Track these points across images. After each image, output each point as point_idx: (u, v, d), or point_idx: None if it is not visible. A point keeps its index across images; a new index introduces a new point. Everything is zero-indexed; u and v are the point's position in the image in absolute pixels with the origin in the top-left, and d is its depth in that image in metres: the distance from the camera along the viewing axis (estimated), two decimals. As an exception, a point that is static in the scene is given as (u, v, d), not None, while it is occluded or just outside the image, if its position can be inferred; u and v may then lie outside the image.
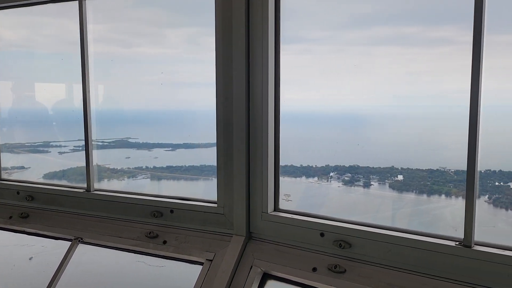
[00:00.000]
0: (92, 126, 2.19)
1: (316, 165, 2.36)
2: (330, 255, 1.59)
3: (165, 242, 1.82)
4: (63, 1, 2.20)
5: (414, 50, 1.97)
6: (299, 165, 2.39)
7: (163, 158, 2.84)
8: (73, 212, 2.21)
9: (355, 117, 2.30)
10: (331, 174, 2.31)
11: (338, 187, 2.31)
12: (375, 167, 2.26)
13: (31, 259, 2.39)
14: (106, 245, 2.01)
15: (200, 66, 2.40)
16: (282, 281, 1.67)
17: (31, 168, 2.96)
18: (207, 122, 2.06)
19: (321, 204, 2.41)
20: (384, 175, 2.21)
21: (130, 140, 2.91)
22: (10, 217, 2.32)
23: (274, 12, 1.68)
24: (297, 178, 2.41)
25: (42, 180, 2.67)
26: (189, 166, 2.72)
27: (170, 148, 2.84)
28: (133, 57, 2.61)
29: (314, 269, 1.59)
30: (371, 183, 2.23)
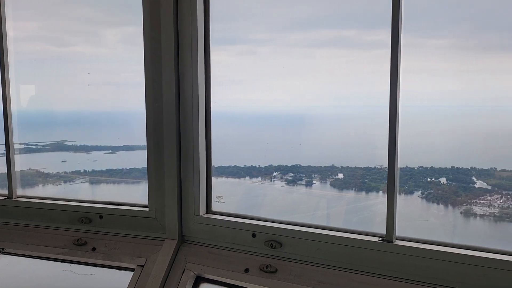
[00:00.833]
0: (15, 129, 2.04)
1: (260, 165, 2.36)
2: (262, 256, 1.59)
3: (94, 249, 1.74)
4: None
5: (353, 52, 2.02)
6: (243, 166, 2.39)
7: (103, 161, 2.73)
8: (-7, 221, 2.06)
9: (297, 117, 2.33)
10: (274, 174, 2.32)
11: (281, 187, 2.32)
12: (317, 166, 2.30)
13: None
14: (30, 255, 1.86)
15: (137, 66, 2.34)
16: (215, 284, 1.66)
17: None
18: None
19: (263, 204, 2.42)
20: (325, 174, 2.25)
21: (67, 143, 2.77)
22: None
23: (204, 13, 1.67)
24: (241, 179, 2.40)
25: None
26: (131, 169, 2.64)
27: (110, 151, 2.73)
28: (68, 56, 2.49)
29: (247, 270, 1.59)
30: (313, 182, 2.27)
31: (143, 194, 2.00)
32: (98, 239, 1.76)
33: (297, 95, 2.19)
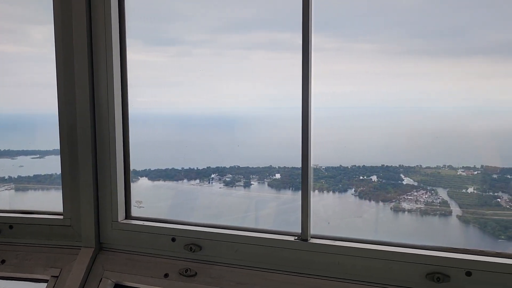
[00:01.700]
0: None
1: (198, 168, 2.33)
2: (182, 260, 1.57)
3: (4, 262, 1.63)
4: None
5: (287, 55, 2.04)
6: (181, 168, 2.34)
7: (30, 167, 2.59)
8: None
9: (235, 119, 2.32)
10: (213, 176, 2.30)
11: (220, 189, 2.30)
12: (255, 167, 2.30)
13: None
14: None
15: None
16: (134, 291, 1.61)
17: None
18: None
19: (200, 207, 2.38)
20: (263, 175, 2.26)
21: (-12, 148, 2.60)
22: None
23: (118, 11, 1.61)
24: (179, 182, 2.36)
25: None
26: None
27: (38, 155, 2.60)
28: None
29: (166, 275, 1.55)
30: (251, 183, 2.27)
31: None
32: (9, 251, 1.65)
33: (234, 97, 2.18)
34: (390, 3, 1.81)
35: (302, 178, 1.47)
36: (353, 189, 2.19)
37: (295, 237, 1.47)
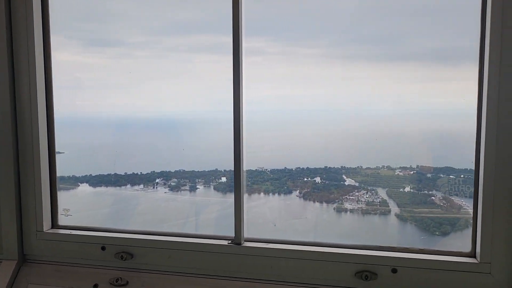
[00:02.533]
0: None
1: (142, 172, 2.26)
2: (113, 269, 1.52)
3: None
4: None
5: (230, 58, 2.03)
6: (124, 173, 2.27)
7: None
8: None
9: (179, 122, 2.27)
10: (157, 181, 2.24)
11: (165, 193, 2.25)
12: (200, 171, 2.27)
13: None
14: None
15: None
16: (62, 303, 1.54)
17: None
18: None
19: (143, 213, 2.32)
20: (209, 178, 2.23)
21: None
22: None
23: (41, 11, 1.54)
24: (122, 187, 2.28)
25: None
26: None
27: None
28: None
29: (96, 286, 1.50)
30: (197, 187, 2.23)
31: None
32: None
33: (178, 100, 2.14)
34: (329, 9, 1.86)
35: (235, 182, 1.47)
36: (298, 191, 2.21)
37: (229, 241, 1.47)
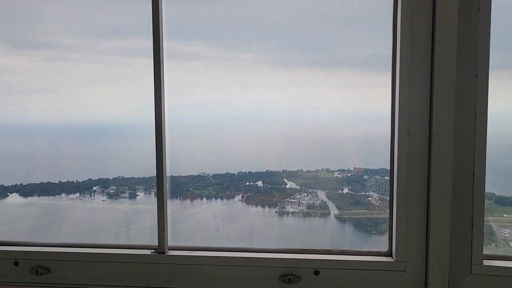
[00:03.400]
0: None
1: (78, 180, 2.17)
2: (27, 285, 1.44)
3: None
4: None
5: (170, 63, 2.00)
6: (58, 181, 2.16)
7: None
8: None
9: (116, 128, 2.20)
10: (95, 188, 2.16)
11: (103, 202, 2.17)
12: (140, 177, 2.21)
13: None
14: None
15: None
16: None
17: None
18: None
19: (77, 223, 2.23)
20: (150, 184, 2.18)
21: None
22: None
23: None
24: (56, 196, 2.17)
25: None
26: None
27: None
28: None
29: (10, 303, 1.41)
30: (137, 194, 2.17)
31: None
32: None
33: (113, 104, 2.07)
34: (266, 16, 1.89)
35: (157, 188, 1.44)
36: (240, 195, 2.23)
37: (152, 251, 1.44)
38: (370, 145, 2.19)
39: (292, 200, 2.17)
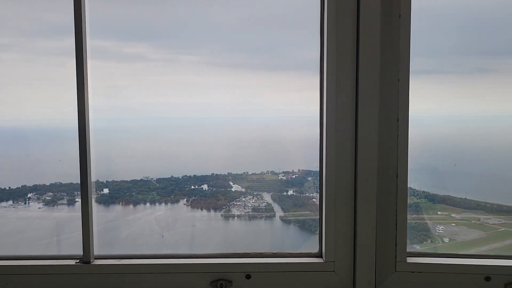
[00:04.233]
0: None
1: (10, 187, 2.04)
2: None
3: None
4: None
5: (111, 64, 1.94)
6: None
7: None
8: None
9: (51, 131, 2.09)
10: (30, 195, 2.04)
11: (39, 209, 2.05)
12: (79, 183, 2.11)
13: None
14: None
15: None
16: None
17: None
18: None
19: (4, 234, 2.10)
20: None
21: None
22: None
23: None
24: None
25: None
26: None
27: None
28: None
29: None
30: (76, 200, 2.07)
31: None
32: None
33: (51, 107, 1.97)
34: (210, 19, 1.88)
35: (82, 194, 1.38)
36: (185, 199, 2.19)
37: (77, 261, 1.37)
38: (313, 147, 2.23)
39: (238, 203, 2.17)
